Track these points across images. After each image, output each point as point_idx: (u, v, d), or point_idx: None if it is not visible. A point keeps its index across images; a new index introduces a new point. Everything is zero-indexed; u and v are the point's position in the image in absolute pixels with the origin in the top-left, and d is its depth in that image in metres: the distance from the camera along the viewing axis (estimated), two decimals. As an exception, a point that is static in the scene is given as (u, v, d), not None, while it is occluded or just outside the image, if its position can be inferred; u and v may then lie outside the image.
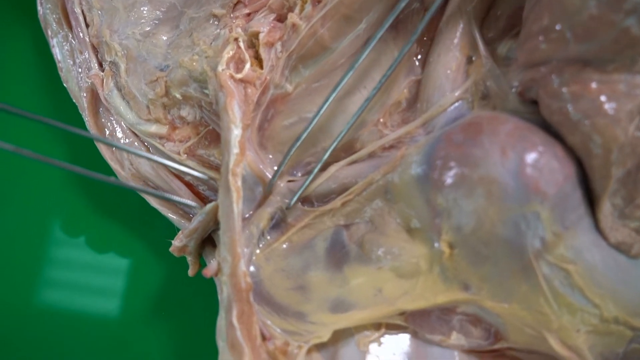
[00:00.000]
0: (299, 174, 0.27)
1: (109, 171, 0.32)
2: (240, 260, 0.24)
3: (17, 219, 0.36)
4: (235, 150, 0.25)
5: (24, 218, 0.36)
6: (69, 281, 0.34)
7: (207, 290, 0.32)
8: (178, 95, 0.28)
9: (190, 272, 0.30)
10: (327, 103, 0.25)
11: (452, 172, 0.23)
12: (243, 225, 0.26)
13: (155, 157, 0.27)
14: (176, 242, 0.28)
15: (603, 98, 0.21)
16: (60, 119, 0.37)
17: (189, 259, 0.29)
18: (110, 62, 0.30)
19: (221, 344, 0.24)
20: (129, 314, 0.33)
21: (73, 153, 0.36)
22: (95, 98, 0.32)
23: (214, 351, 0.26)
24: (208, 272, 0.25)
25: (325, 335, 0.24)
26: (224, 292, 0.24)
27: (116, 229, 0.35)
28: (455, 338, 0.25)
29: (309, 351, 0.25)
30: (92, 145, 0.32)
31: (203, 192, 0.30)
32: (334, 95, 0.26)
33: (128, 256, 0.34)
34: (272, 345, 0.24)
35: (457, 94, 0.25)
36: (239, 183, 0.25)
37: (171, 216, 0.31)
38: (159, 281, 0.33)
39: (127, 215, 0.35)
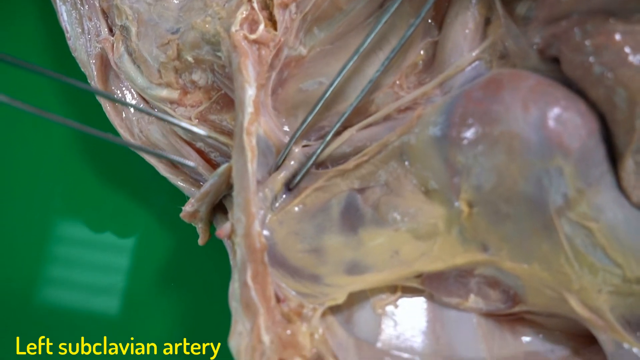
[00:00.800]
0: (313, 139, 0.27)
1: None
2: (255, 220, 0.24)
3: (20, 190, 0.35)
4: (249, 109, 0.25)
5: (26, 190, 0.35)
6: (76, 253, 0.34)
7: (217, 259, 0.32)
8: (190, 59, 0.28)
9: (200, 240, 0.29)
10: (343, 72, 0.25)
11: (471, 129, 0.22)
12: (257, 188, 0.25)
13: (163, 115, 0.27)
14: (187, 207, 0.28)
15: (627, 49, 0.20)
16: (68, 92, 0.37)
17: (199, 226, 0.29)
18: (120, 26, 0.29)
19: (234, 304, 0.23)
20: (138, 285, 0.33)
21: (81, 121, 0.35)
22: (104, 65, 0.31)
23: (226, 321, 0.26)
24: (221, 232, 0.25)
25: (340, 298, 0.24)
26: (238, 253, 0.24)
27: (124, 199, 0.34)
28: (472, 301, 0.24)
29: (324, 314, 0.24)
30: (101, 114, 0.32)
31: (214, 159, 0.30)
32: (350, 64, 0.25)
33: (136, 227, 0.34)
34: (287, 307, 0.23)
35: (474, 53, 0.25)
36: (254, 142, 0.24)
37: (181, 184, 0.30)
38: (168, 252, 0.33)
39: (134, 185, 0.34)
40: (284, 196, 0.26)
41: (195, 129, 0.27)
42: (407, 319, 0.24)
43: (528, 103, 0.21)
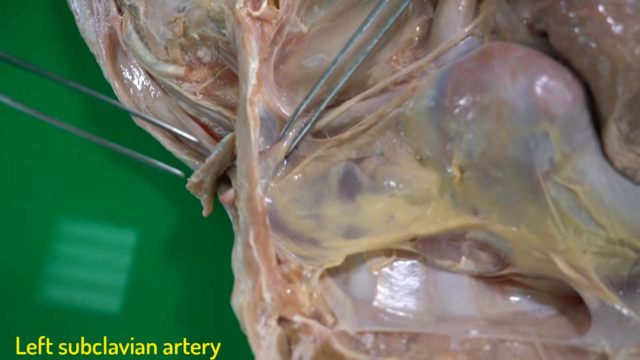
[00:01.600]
0: (313, 111, 0.28)
1: (126, 116, 0.33)
2: (257, 185, 0.25)
3: (26, 166, 0.36)
4: (252, 81, 0.26)
5: (33, 163, 0.36)
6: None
7: (221, 230, 0.33)
8: (196, 36, 0.29)
9: (205, 212, 0.31)
10: (344, 54, 0.27)
11: (463, 97, 0.24)
12: (260, 158, 0.26)
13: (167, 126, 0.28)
14: (193, 178, 0.29)
15: (610, 20, 0.22)
16: (77, 75, 0.38)
17: (204, 197, 0.30)
18: (129, 5, 0.31)
19: (237, 265, 0.25)
20: (143, 256, 0.34)
21: (86, 97, 0.36)
22: (112, 44, 0.32)
23: (229, 290, 0.26)
24: (225, 198, 0.26)
25: (338, 260, 0.25)
26: (241, 217, 0.25)
27: (128, 172, 0.35)
28: (464, 263, 0.25)
29: (322, 276, 0.25)
30: (108, 88, 0.33)
31: (218, 133, 0.31)
32: (349, 47, 0.27)
33: (141, 200, 0.34)
34: (287, 268, 0.25)
35: (467, 29, 0.26)
36: (256, 112, 0.26)
37: (186, 158, 0.31)
38: (173, 224, 0.34)
39: (140, 168, 0.35)
40: (284, 165, 0.27)
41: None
42: (402, 280, 0.26)
43: (517, 72, 0.23)
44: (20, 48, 0.38)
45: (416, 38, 0.28)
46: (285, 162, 0.27)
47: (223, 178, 0.30)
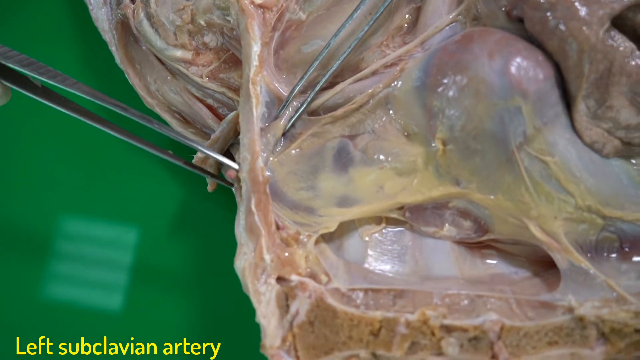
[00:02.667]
0: (309, 92, 0.31)
1: (136, 99, 0.35)
2: (259, 157, 0.27)
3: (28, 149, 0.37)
4: (255, 62, 0.28)
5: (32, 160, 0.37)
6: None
7: (224, 204, 0.35)
8: (202, 22, 0.31)
9: (210, 187, 0.33)
10: (337, 36, 0.29)
11: (446, 77, 0.26)
12: (260, 134, 0.29)
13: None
14: (199, 154, 0.31)
15: (577, 5, 0.24)
16: (91, 61, 0.40)
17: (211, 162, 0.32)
18: (141, -6, 0.33)
19: (240, 230, 0.27)
20: (151, 231, 0.35)
21: (100, 82, 0.38)
22: (125, 31, 0.35)
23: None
24: (231, 173, 0.28)
25: (332, 226, 0.27)
26: (243, 188, 0.28)
27: (136, 150, 0.36)
28: (447, 230, 0.28)
29: (317, 242, 0.28)
30: (120, 74, 0.35)
31: (222, 114, 0.33)
32: (341, 31, 0.29)
33: (149, 177, 0.36)
34: (285, 234, 0.27)
35: (451, 16, 0.28)
36: (258, 90, 0.28)
37: (192, 136, 0.34)
38: (180, 199, 0.36)
39: (147, 136, 0.37)
40: (283, 141, 0.30)
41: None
42: (390, 245, 0.28)
43: (493, 53, 0.25)
44: (36, 38, 0.41)
45: (405, 25, 0.30)
46: (283, 139, 0.30)
47: (227, 155, 0.32)
